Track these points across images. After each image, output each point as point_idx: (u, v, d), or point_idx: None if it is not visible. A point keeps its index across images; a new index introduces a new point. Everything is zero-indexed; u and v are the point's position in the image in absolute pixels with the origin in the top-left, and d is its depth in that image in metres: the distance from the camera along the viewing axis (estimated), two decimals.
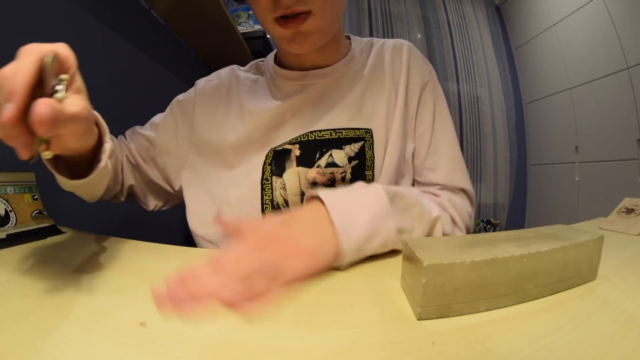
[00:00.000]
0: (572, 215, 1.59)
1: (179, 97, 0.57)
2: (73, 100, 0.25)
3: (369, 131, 0.46)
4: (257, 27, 1.77)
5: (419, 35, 2.01)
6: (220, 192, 0.47)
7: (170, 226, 1.08)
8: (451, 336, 0.18)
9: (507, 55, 2.06)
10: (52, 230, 0.46)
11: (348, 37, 0.54)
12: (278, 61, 0.51)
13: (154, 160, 0.53)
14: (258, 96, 0.50)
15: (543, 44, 1.80)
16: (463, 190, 0.47)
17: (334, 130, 0.45)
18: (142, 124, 0.63)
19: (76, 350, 0.17)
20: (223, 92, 0.52)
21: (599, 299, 0.22)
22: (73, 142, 0.28)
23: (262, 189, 0.44)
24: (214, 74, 0.57)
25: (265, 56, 0.55)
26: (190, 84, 0.62)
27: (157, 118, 0.57)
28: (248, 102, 0.49)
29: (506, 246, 0.22)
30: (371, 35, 1.94)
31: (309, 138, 0.45)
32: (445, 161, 0.48)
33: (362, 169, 0.45)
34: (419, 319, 0.20)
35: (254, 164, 0.46)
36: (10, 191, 0.45)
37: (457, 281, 0.20)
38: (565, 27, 1.63)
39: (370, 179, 0.45)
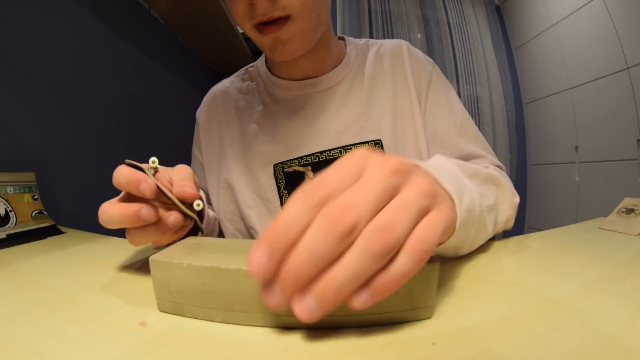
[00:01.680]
0: (572, 215, 1.59)
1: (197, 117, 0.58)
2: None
3: (378, 142, 0.45)
4: None
5: (419, 35, 2.01)
6: (237, 217, 0.47)
7: None
8: (451, 336, 0.18)
9: (507, 55, 2.06)
10: (52, 230, 0.46)
11: (342, 39, 0.52)
12: (269, 66, 0.50)
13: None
14: (251, 109, 0.49)
15: (543, 44, 1.80)
16: (499, 166, 0.46)
17: (343, 147, 0.45)
18: (141, 122, 0.63)
19: (76, 350, 0.17)
20: (214, 116, 0.52)
21: (598, 299, 0.22)
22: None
23: None
24: (205, 99, 0.57)
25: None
26: (190, 84, 0.63)
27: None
28: (241, 118, 0.49)
29: None
30: (371, 35, 1.94)
31: (320, 159, 0.44)
32: (482, 148, 0.47)
33: None
34: (159, 310, 0.21)
35: (264, 186, 0.45)
36: (10, 191, 0.45)
37: (181, 282, 0.20)
38: (565, 27, 1.63)
39: None
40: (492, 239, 0.50)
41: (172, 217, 0.26)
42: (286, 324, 0.19)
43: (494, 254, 0.37)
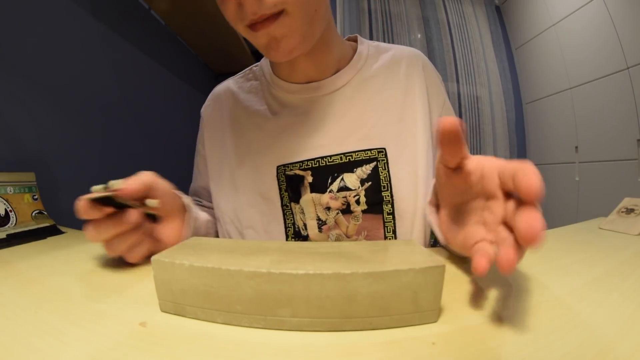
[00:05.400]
0: (572, 215, 1.59)
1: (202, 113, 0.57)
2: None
3: (382, 150, 0.44)
4: None
5: (419, 35, 2.01)
6: (239, 216, 0.47)
7: None
8: (451, 336, 0.18)
9: (507, 55, 2.06)
10: (52, 230, 0.46)
11: (354, 40, 0.51)
12: (272, 67, 0.50)
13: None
14: (255, 110, 0.49)
15: (543, 44, 1.80)
16: None
17: (343, 154, 0.44)
18: (141, 123, 0.63)
19: (76, 350, 0.17)
20: (218, 116, 0.52)
21: (598, 299, 0.22)
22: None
23: (284, 213, 0.45)
24: (209, 97, 0.56)
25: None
26: (190, 84, 0.63)
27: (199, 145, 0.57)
28: (245, 118, 0.49)
29: (261, 259, 0.20)
30: (371, 36, 1.94)
31: (320, 164, 0.44)
32: None
33: (377, 190, 0.43)
34: (161, 310, 0.21)
35: (267, 187, 0.45)
36: (10, 191, 0.45)
37: (182, 282, 0.20)
38: (565, 27, 1.63)
39: (388, 200, 0.43)
40: None
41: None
42: (287, 326, 0.19)
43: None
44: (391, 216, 0.44)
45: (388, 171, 0.43)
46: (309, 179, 0.44)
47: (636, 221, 0.43)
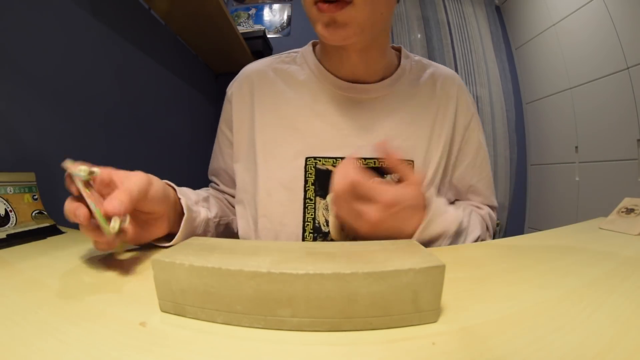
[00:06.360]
0: (572, 215, 1.59)
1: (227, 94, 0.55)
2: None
3: (410, 162, 0.46)
4: (257, 27, 1.77)
5: (419, 35, 2.01)
6: (256, 202, 0.47)
7: None
8: (451, 336, 0.18)
9: (507, 55, 2.06)
10: (52, 230, 0.46)
11: (399, 50, 0.52)
12: (319, 57, 0.50)
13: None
14: (290, 95, 0.48)
15: (543, 44, 1.79)
16: (492, 207, 0.55)
17: (378, 159, 0.45)
18: (141, 123, 0.63)
19: (77, 350, 0.17)
20: (248, 96, 0.51)
21: (599, 299, 0.22)
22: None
23: (305, 207, 0.45)
24: (238, 76, 0.54)
25: (264, 56, 0.55)
26: (190, 84, 0.63)
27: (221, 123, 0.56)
28: (278, 102, 0.48)
29: (261, 259, 0.20)
30: None
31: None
32: (486, 187, 0.53)
33: None
34: (161, 310, 0.21)
35: (291, 176, 0.45)
36: (10, 191, 0.45)
37: (182, 282, 0.20)
38: (565, 27, 1.63)
39: None
40: (493, 239, 0.50)
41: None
42: (287, 326, 0.19)
43: (494, 254, 0.37)
44: None
45: None
46: None
47: (636, 221, 0.43)
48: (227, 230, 0.53)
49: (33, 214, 0.46)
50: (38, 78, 0.68)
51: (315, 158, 0.45)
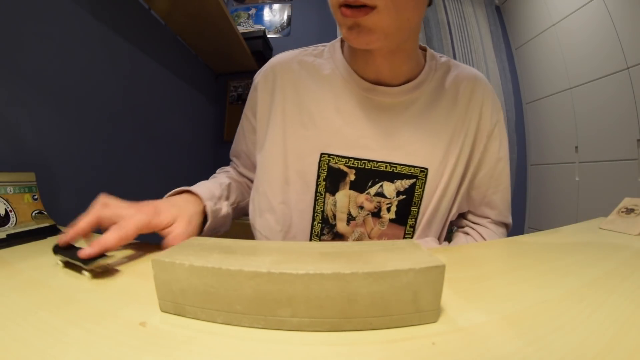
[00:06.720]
0: (572, 215, 1.59)
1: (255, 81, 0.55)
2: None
3: (424, 170, 0.45)
4: (257, 27, 1.78)
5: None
6: (273, 189, 0.48)
7: None
8: (451, 336, 0.18)
9: (507, 55, 2.06)
10: (52, 230, 0.46)
11: (425, 50, 0.51)
12: (346, 54, 0.49)
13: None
14: (314, 89, 0.48)
15: (543, 44, 1.79)
16: (507, 225, 0.53)
17: (390, 163, 0.45)
18: (141, 123, 0.63)
19: (76, 350, 0.17)
20: (273, 86, 0.51)
21: (599, 299, 0.22)
22: None
23: (315, 200, 0.46)
24: (266, 65, 0.54)
25: (265, 56, 0.55)
26: (190, 84, 0.63)
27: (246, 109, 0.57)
28: (302, 94, 0.48)
29: (261, 259, 0.20)
30: None
31: (366, 167, 0.45)
32: (502, 202, 0.51)
33: (408, 204, 0.46)
34: (161, 310, 0.21)
35: (307, 169, 0.46)
36: (10, 191, 0.45)
37: (182, 282, 0.20)
38: (565, 27, 1.63)
39: (414, 215, 0.46)
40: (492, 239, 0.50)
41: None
42: (287, 326, 0.19)
43: (494, 254, 0.37)
44: (412, 229, 0.46)
45: (423, 191, 0.45)
46: (352, 177, 0.46)
47: (636, 221, 0.43)
48: (244, 212, 0.56)
49: (33, 214, 0.46)
50: (38, 78, 0.68)
51: (329, 155, 0.45)
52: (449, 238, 0.52)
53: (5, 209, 0.43)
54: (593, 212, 0.59)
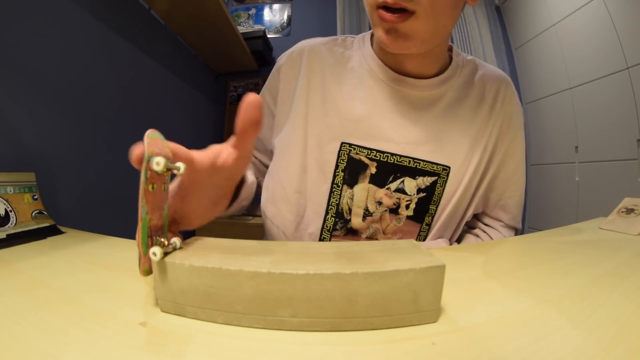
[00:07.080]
0: (572, 215, 1.59)
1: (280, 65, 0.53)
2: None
3: (446, 168, 0.45)
4: (257, 27, 1.78)
5: None
6: (290, 176, 0.47)
7: None
8: (451, 336, 0.18)
9: (507, 55, 2.06)
10: (52, 230, 0.46)
11: (450, 49, 0.51)
12: (374, 47, 0.49)
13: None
14: (338, 77, 0.47)
15: (543, 44, 1.79)
16: (517, 230, 0.53)
17: (413, 159, 0.44)
18: (141, 123, 0.63)
19: (76, 350, 0.17)
20: (297, 70, 0.50)
21: (599, 299, 0.22)
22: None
23: (331, 191, 0.45)
24: (292, 49, 0.52)
25: (265, 56, 0.55)
26: (190, 84, 0.63)
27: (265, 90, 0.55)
28: (326, 82, 0.47)
29: (261, 259, 0.20)
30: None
31: (388, 160, 0.44)
32: (516, 207, 0.51)
33: (427, 202, 0.45)
34: (161, 310, 0.21)
35: (325, 159, 0.45)
36: (10, 191, 0.45)
37: (182, 282, 0.20)
38: (565, 27, 1.63)
39: (432, 213, 0.45)
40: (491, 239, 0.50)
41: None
42: (287, 326, 0.19)
43: (494, 254, 0.37)
44: (428, 227, 0.46)
45: (444, 189, 0.45)
46: (372, 170, 0.44)
47: (636, 221, 0.43)
48: (258, 191, 0.54)
49: (33, 214, 0.46)
50: (38, 78, 0.68)
51: (350, 145, 0.44)
52: (459, 239, 0.51)
53: (5, 209, 0.43)
54: (593, 212, 0.59)
